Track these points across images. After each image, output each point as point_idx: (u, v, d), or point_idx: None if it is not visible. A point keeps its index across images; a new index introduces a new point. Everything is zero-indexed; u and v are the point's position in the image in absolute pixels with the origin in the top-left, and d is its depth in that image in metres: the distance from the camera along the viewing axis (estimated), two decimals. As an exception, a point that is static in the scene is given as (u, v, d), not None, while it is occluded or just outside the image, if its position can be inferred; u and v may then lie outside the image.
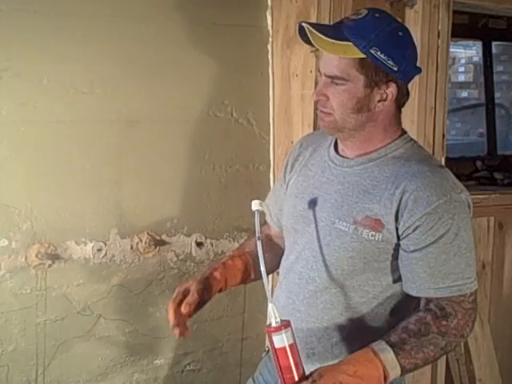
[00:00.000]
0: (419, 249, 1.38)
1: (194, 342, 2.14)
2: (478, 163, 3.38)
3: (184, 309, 1.46)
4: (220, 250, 2.15)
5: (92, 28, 1.88)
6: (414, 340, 1.35)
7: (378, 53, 1.38)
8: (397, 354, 1.33)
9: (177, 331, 1.46)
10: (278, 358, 1.30)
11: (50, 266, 1.88)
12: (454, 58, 5.62)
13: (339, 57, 1.39)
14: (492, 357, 2.69)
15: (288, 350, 1.30)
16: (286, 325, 1.30)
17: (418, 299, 1.45)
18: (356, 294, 1.48)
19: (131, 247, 2.00)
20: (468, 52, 5.76)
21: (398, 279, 1.46)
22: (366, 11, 1.43)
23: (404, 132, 1.52)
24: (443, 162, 2.36)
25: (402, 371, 1.34)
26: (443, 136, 2.35)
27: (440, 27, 2.19)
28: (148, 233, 2.01)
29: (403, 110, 2.23)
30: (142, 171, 2.00)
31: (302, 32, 1.44)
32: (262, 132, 2.19)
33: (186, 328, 1.47)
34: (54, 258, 1.88)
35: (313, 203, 1.54)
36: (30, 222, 1.85)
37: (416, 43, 1.49)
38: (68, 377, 1.96)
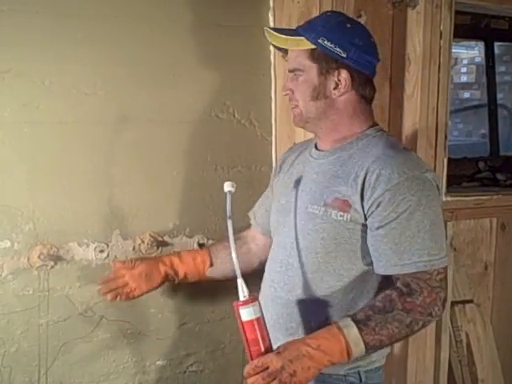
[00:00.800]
0: (383, 225, 1.43)
1: (197, 343, 2.14)
2: (481, 164, 3.37)
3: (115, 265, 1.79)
4: (222, 251, 2.14)
5: (95, 29, 1.87)
6: (378, 316, 1.39)
7: (325, 41, 1.53)
8: (360, 330, 1.38)
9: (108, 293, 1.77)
10: (245, 331, 1.37)
11: (52, 267, 1.88)
12: (456, 59, 5.62)
13: (295, 51, 1.57)
14: (495, 358, 2.69)
15: (255, 323, 1.36)
16: (253, 299, 1.35)
17: None
18: (332, 278, 1.53)
19: (133, 248, 2.00)
20: (470, 52, 5.76)
21: (369, 262, 1.51)
22: (321, 13, 1.69)
23: (376, 124, 1.62)
24: (445, 164, 2.36)
25: (366, 347, 1.39)
26: (445, 137, 2.35)
27: (442, 27, 2.19)
28: (150, 234, 2.01)
29: (406, 110, 2.25)
30: (144, 172, 2.00)
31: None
32: (264, 133, 2.19)
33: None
34: (57, 259, 1.88)
35: (292, 195, 1.64)
36: (32, 223, 1.85)
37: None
38: (70, 378, 1.96)
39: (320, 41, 1.53)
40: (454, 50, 2.42)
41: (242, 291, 1.37)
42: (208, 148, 2.10)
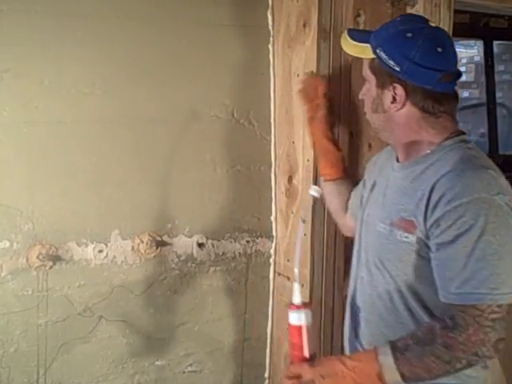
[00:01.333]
0: (439, 248, 1.34)
1: (196, 343, 2.14)
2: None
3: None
4: (221, 251, 2.14)
5: (93, 28, 1.87)
6: (416, 348, 1.31)
7: (382, 53, 1.43)
8: (396, 360, 1.31)
9: None
10: (290, 334, 1.38)
11: (51, 267, 1.88)
12: (455, 58, 5.61)
13: (365, 59, 1.50)
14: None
15: (302, 329, 1.36)
16: (305, 306, 1.36)
17: None
18: (403, 299, 1.44)
19: (132, 248, 1.99)
20: (469, 51, 5.75)
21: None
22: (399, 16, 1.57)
23: (457, 133, 1.48)
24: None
25: (403, 378, 1.31)
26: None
27: (441, 26, 2.18)
28: (149, 234, 2.01)
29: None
30: (143, 172, 2.00)
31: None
32: (263, 132, 2.19)
33: None
34: (56, 259, 1.88)
35: (373, 208, 1.58)
36: (31, 223, 1.85)
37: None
38: (69, 378, 1.96)
39: (377, 51, 1.44)
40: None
41: (295, 296, 1.37)
42: (207, 147, 2.09)
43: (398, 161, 1.55)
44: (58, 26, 1.83)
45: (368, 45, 1.47)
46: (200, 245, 2.10)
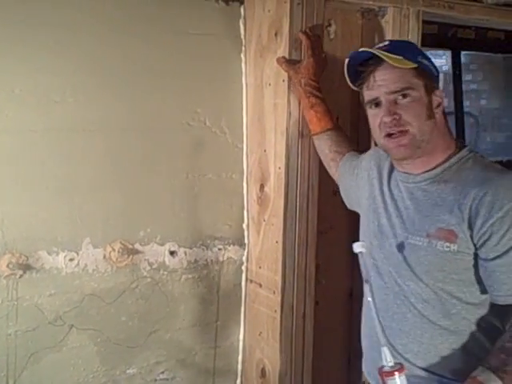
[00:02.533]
0: (500, 255, 1.38)
1: (167, 350, 2.14)
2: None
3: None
4: (193, 259, 2.14)
5: (64, 37, 1.86)
6: None
7: (424, 60, 1.50)
8: (502, 379, 1.31)
9: None
10: None
11: (21, 276, 1.86)
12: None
13: (397, 70, 1.47)
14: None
15: None
16: (399, 369, 1.28)
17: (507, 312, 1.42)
18: (442, 306, 1.47)
19: (104, 256, 1.99)
20: (437, 61, 5.83)
21: (484, 291, 1.45)
22: (388, 40, 1.63)
23: (461, 144, 1.55)
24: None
25: None
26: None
27: (410, 37, 2.21)
28: (121, 242, 2.00)
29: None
30: (114, 180, 1.99)
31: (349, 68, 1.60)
32: (235, 140, 2.20)
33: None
34: (26, 268, 1.86)
35: (387, 218, 1.57)
36: (0, 231, 1.83)
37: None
38: (39, 388, 1.94)
39: (419, 59, 1.49)
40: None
41: (386, 359, 1.29)
42: (179, 155, 2.10)
43: (395, 170, 1.60)
44: (30, 34, 1.82)
45: (399, 56, 1.47)
46: (172, 253, 2.10)
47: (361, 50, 1.55)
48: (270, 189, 2.09)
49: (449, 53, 3.78)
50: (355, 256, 1.42)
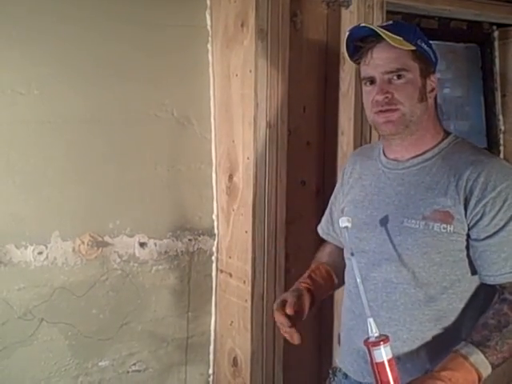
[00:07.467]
0: (491, 235, 1.42)
1: (139, 342, 2.14)
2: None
3: (289, 311, 1.52)
4: (163, 250, 2.15)
5: (29, 29, 1.85)
6: (496, 334, 1.36)
7: (423, 44, 1.52)
8: (484, 353, 1.33)
9: (296, 335, 1.53)
10: (377, 372, 1.30)
11: (-11, 270, 1.85)
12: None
13: (395, 51, 1.48)
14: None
15: (387, 364, 1.29)
16: (384, 340, 1.29)
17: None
18: (435, 290, 1.48)
19: (73, 249, 1.98)
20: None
21: (474, 272, 1.48)
22: (392, 21, 1.61)
23: (448, 131, 1.59)
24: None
25: (493, 368, 1.34)
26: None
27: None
28: (90, 234, 2.00)
29: (341, 107, 2.30)
30: (82, 172, 1.98)
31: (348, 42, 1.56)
32: (203, 131, 2.20)
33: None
34: (-6, 262, 1.85)
35: (375, 208, 1.58)
36: (-33, 226, 1.81)
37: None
38: (10, 383, 1.92)
39: (418, 42, 1.50)
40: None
41: (372, 330, 1.30)
42: (147, 147, 2.09)
43: (385, 157, 1.61)
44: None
45: (399, 37, 1.48)
46: (142, 244, 2.10)
47: (362, 25, 1.55)
48: (239, 179, 2.10)
49: (413, 42, 3.82)
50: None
